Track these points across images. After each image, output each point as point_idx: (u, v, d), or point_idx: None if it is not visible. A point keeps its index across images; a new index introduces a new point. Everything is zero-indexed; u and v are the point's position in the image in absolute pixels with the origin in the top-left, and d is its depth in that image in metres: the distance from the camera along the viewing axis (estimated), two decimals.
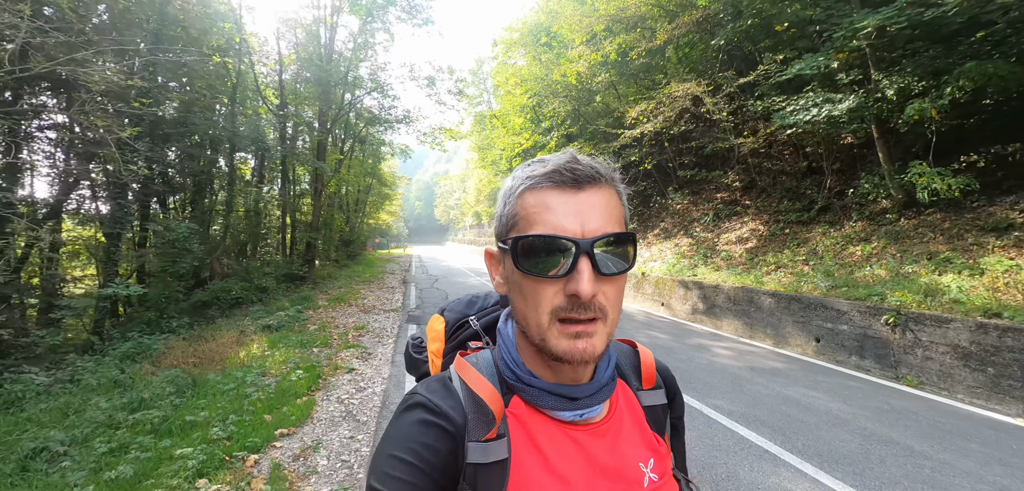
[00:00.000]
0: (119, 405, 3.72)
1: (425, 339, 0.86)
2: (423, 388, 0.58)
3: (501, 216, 0.56)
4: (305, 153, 14.77)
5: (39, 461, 2.91)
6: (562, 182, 0.51)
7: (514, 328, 0.62)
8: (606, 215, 0.52)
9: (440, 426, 0.53)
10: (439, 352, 0.79)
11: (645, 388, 0.68)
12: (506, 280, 0.57)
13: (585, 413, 0.58)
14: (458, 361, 0.62)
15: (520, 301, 0.54)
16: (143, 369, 4.80)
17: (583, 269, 0.49)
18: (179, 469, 2.72)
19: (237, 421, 3.53)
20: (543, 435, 0.56)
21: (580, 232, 0.50)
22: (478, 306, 0.82)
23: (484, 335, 0.76)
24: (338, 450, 3.36)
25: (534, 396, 0.57)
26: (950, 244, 6.58)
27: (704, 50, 9.57)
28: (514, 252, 0.51)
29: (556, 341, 0.51)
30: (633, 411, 0.64)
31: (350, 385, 4.78)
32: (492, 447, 0.54)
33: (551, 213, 0.50)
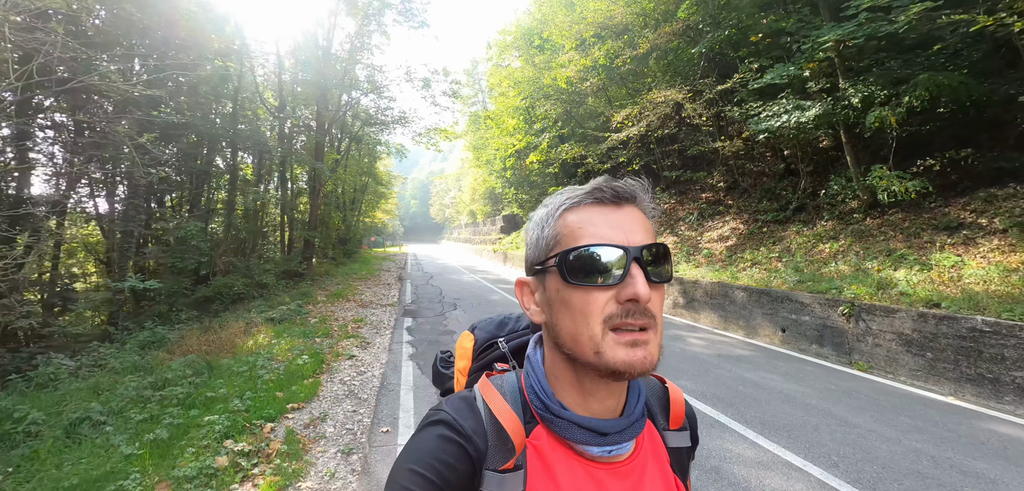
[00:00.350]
0: (145, 384, 4.16)
1: (454, 354, 0.86)
2: (448, 405, 0.58)
3: (539, 241, 0.56)
4: (303, 153, 15.14)
5: (84, 428, 3.34)
6: (603, 199, 0.53)
7: (543, 355, 0.61)
8: (645, 230, 0.53)
9: (461, 446, 0.53)
10: (465, 370, 0.79)
11: (672, 428, 0.66)
12: (548, 303, 0.56)
13: (613, 450, 0.56)
14: (483, 383, 0.62)
15: (568, 319, 0.53)
16: (160, 355, 5.23)
17: (636, 273, 0.49)
18: (208, 432, 3.17)
19: (252, 397, 3.98)
20: (563, 471, 0.55)
21: (626, 241, 0.51)
22: (508, 328, 0.82)
23: (511, 358, 0.76)
24: (343, 421, 3.81)
25: (561, 428, 0.56)
26: (907, 242, 7.12)
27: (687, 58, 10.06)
28: (562, 266, 0.52)
29: (613, 352, 0.50)
30: (657, 453, 0.62)
31: (351, 369, 5.24)
32: (508, 479, 0.53)
33: (596, 227, 0.51)
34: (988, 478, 3.01)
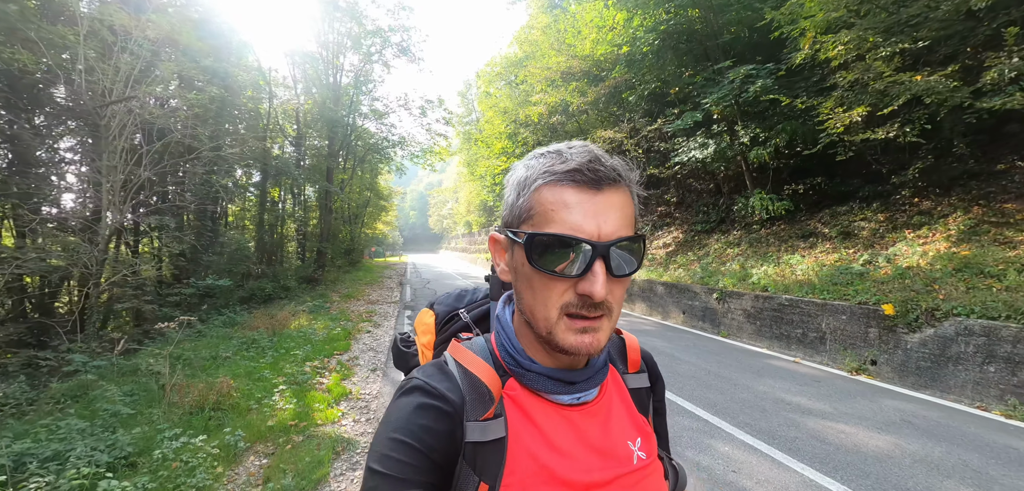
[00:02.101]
0: (240, 342, 6.56)
1: (413, 334, 0.89)
2: (419, 373, 0.60)
3: (513, 206, 0.56)
4: (317, 176, 17.61)
5: (234, 354, 5.74)
6: (583, 182, 0.51)
7: (512, 314, 0.64)
8: (622, 217, 0.52)
9: (438, 408, 0.54)
10: (430, 344, 0.81)
11: (631, 372, 0.70)
12: (513, 270, 0.57)
13: (581, 396, 0.60)
14: (454, 345, 0.64)
15: (528, 293, 0.55)
16: (239, 329, 7.63)
17: (598, 271, 0.50)
18: (296, 358, 5.58)
19: (311, 348, 6.39)
20: (539, 415, 0.58)
21: (597, 234, 0.50)
22: (467, 300, 0.84)
23: (475, 327, 0.78)
24: (368, 359, 6.23)
25: (532, 380, 0.58)
26: (778, 246, 9.56)
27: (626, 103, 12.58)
28: (528, 247, 0.52)
29: (563, 335, 0.52)
30: (621, 393, 0.66)
31: (369, 337, 7.66)
32: (490, 426, 0.55)
33: (569, 212, 0.50)
34: (773, 393, 5.44)
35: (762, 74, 8.53)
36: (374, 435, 0.55)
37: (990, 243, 6.11)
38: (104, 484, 2.55)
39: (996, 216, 6.59)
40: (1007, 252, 5.76)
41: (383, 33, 19.65)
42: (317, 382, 5.09)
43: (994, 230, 6.34)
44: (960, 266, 5.86)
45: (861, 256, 7.45)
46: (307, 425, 3.84)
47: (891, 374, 5.43)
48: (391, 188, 39.58)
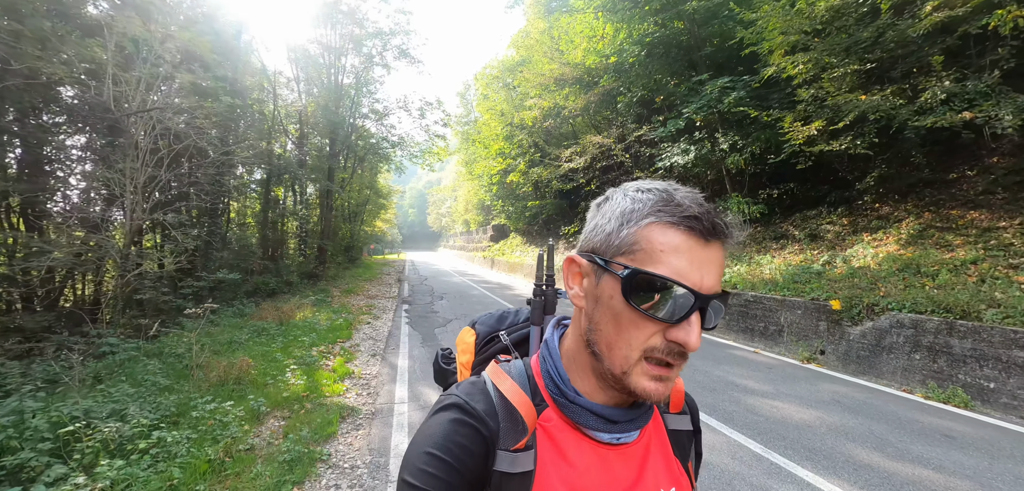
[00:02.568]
0: (252, 330, 7.17)
1: (454, 351, 0.88)
2: (459, 390, 0.59)
3: (611, 235, 0.54)
4: (320, 176, 18.21)
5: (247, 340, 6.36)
6: (697, 230, 0.50)
7: (560, 340, 0.63)
8: (719, 272, 0.52)
9: (474, 427, 0.55)
10: (468, 364, 0.81)
11: (672, 412, 0.68)
12: (595, 298, 0.55)
13: (621, 437, 0.58)
14: (492, 368, 0.63)
15: (611, 329, 0.53)
16: (249, 319, 8.24)
17: (695, 322, 0.49)
18: (303, 344, 6.20)
19: (317, 336, 7.01)
20: (572, 451, 0.57)
21: (700, 285, 0.49)
22: (508, 321, 0.84)
23: (514, 350, 0.78)
24: (368, 347, 6.85)
25: (574, 412, 0.57)
26: (754, 248, 10.20)
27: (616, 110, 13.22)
28: (627, 282, 0.50)
29: (638, 379, 0.52)
30: (660, 435, 0.64)
31: (369, 328, 8.28)
32: (520, 458, 0.54)
33: (678, 257, 0.49)
34: (726, 377, 6.07)
35: (738, 86, 9.16)
36: (408, 447, 0.55)
37: (932, 246, 6.75)
38: (157, 433, 3.18)
39: (942, 221, 7.23)
40: (944, 254, 6.40)
41: (384, 35, 20.27)
42: (323, 363, 5.72)
43: (938, 234, 6.98)
44: (902, 266, 6.51)
45: (822, 257, 8.10)
46: (317, 396, 4.46)
47: (836, 362, 6.07)
48: (390, 187, 40.20)
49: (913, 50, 6.35)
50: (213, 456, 3.06)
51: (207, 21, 9.87)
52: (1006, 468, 3.34)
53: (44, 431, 2.93)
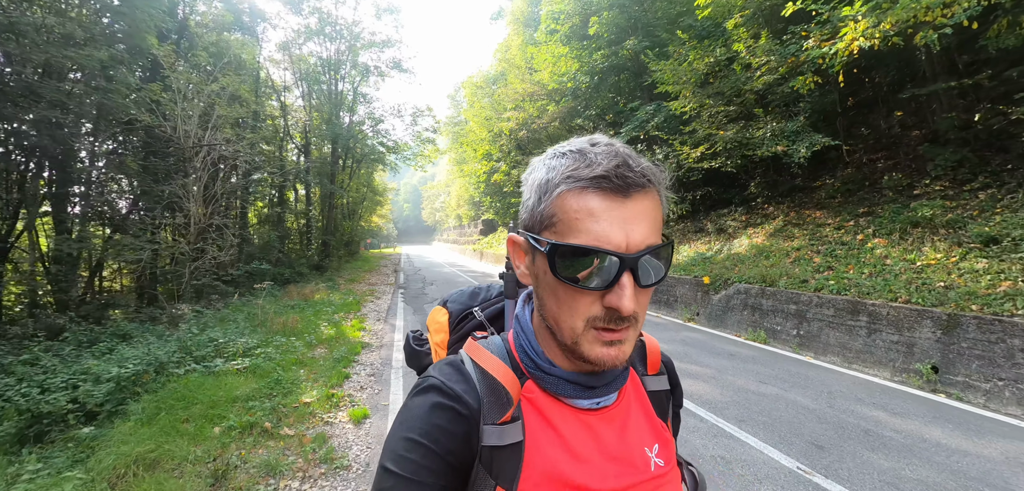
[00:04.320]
0: (284, 305, 9.60)
1: (426, 331, 0.88)
2: (435, 372, 0.59)
3: (533, 209, 0.53)
4: (324, 180, 20.54)
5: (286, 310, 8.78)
6: (610, 189, 0.48)
7: (531, 314, 0.62)
8: (650, 224, 0.50)
9: (454, 409, 0.54)
10: (444, 343, 0.80)
11: (650, 373, 0.69)
12: (535, 276, 0.56)
13: (600, 401, 0.59)
14: (470, 344, 0.63)
15: (552, 303, 0.53)
16: (280, 299, 10.67)
17: (626, 284, 0.48)
18: (327, 313, 8.66)
19: (335, 308, 9.47)
20: (557, 419, 0.57)
21: (624, 244, 0.48)
22: (481, 297, 0.83)
23: (490, 326, 0.78)
24: (374, 315, 9.33)
25: (551, 384, 0.58)
26: (678, 239, 12.70)
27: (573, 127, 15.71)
28: (551, 258, 0.50)
29: (589, 348, 0.51)
30: (639, 397, 0.65)
31: (372, 304, 10.76)
32: (508, 430, 0.54)
33: (595, 221, 0.48)
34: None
35: (661, 112, 11.63)
36: (388, 433, 0.55)
37: (782, 237, 9.28)
38: (260, 349, 5.63)
39: (797, 219, 9.75)
40: (786, 243, 8.93)
41: (378, 45, 22.62)
42: (344, 323, 8.18)
43: (791, 228, 9.51)
44: (758, 252, 9.04)
45: (717, 246, 10.63)
46: (344, 339, 6.93)
47: (705, 321, 8.60)
48: (385, 184, 42.52)
49: (754, 99, 8.82)
50: (294, 359, 5.53)
51: (240, 63, 12.22)
52: (742, 366, 5.86)
53: (204, 344, 5.40)
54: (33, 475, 2.82)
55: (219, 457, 3.13)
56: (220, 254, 9.95)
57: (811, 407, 4.46)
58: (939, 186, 7.73)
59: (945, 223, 6.72)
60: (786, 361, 6.17)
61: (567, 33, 14.07)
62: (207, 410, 3.83)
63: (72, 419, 3.75)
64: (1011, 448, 3.60)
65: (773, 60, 7.79)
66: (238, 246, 12.18)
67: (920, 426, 4.04)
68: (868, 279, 6.50)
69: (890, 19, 6.23)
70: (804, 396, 4.77)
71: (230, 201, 12.16)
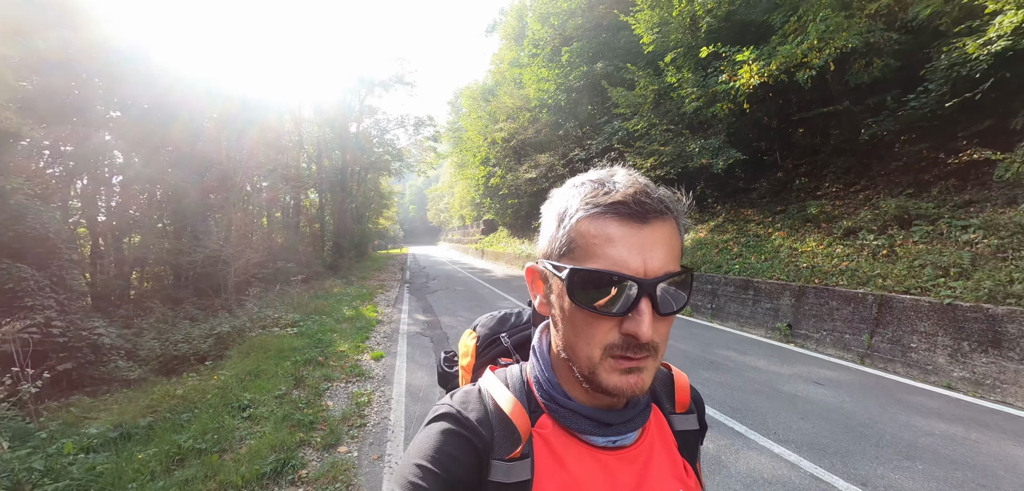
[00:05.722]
0: (311, 296, 11.69)
1: (458, 353, 0.87)
2: (453, 399, 0.59)
3: (553, 238, 0.53)
4: (336, 188, 22.71)
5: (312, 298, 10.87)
6: (628, 215, 0.48)
7: (548, 345, 0.61)
8: (669, 251, 0.50)
9: (465, 438, 0.54)
10: (469, 368, 0.80)
11: (678, 412, 0.66)
12: (552, 304, 0.55)
13: (617, 440, 0.57)
14: (487, 375, 0.62)
15: (570, 331, 0.52)
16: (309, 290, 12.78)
17: (644, 311, 0.47)
18: (347, 300, 10.75)
19: (352, 297, 11.56)
20: (571, 457, 0.55)
21: (643, 270, 0.47)
22: (510, 324, 0.82)
23: (515, 353, 0.77)
24: (385, 302, 11.40)
25: (566, 418, 0.56)
26: None
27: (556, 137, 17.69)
28: (569, 283, 0.49)
29: (607, 376, 0.50)
30: (664, 437, 0.62)
31: (383, 295, 12.85)
32: (515, 467, 0.53)
33: (613, 247, 0.48)
34: None
35: (619, 130, 13.59)
36: (401, 459, 0.55)
37: (719, 232, 11.21)
38: (299, 324, 7.71)
39: (735, 216, 11.67)
40: (719, 237, 10.86)
41: (383, 59, 24.77)
42: (361, 307, 10.25)
43: (727, 224, 11.43)
44: (695, 244, 10.98)
45: None
46: (363, 317, 8.99)
47: None
48: (391, 187, 44.73)
49: (687, 121, 10.77)
50: (328, 328, 7.60)
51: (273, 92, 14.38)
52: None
53: (263, 319, 7.51)
54: (192, 378, 4.91)
55: (295, 373, 5.19)
56: (255, 255, 12.08)
57: (689, 352, 6.44)
58: (834, 188, 9.63)
59: (825, 218, 8.64)
60: (698, 327, 8.14)
61: (548, 55, 16.05)
62: (277, 353, 5.90)
63: (192, 359, 5.86)
64: (820, 372, 5.58)
65: (697, 91, 9.71)
66: (266, 248, 14.33)
67: (763, 362, 6.01)
68: (762, 263, 8.45)
69: (774, 63, 8.18)
70: (688, 345, 6.75)
71: (258, 210, 14.31)
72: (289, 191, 18.36)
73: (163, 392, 4.43)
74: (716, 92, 9.32)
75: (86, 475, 2.88)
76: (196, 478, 2.90)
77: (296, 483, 3.00)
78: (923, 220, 6.98)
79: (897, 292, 5.88)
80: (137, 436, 3.51)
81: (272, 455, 3.21)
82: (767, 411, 4.27)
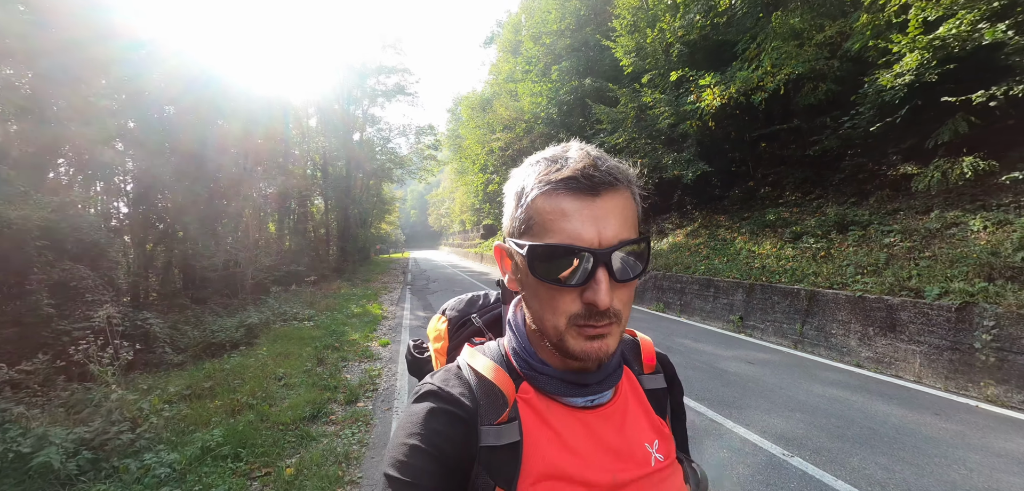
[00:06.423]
0: (321, 296, 12.76)
1: (427, 340, 0.89)
2: (433, 378, 0.61)
3: (513, 216, 0.56)
4: (341, 195, 23.83)
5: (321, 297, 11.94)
6: (579, 188, 0.50)
7: (523, 317, 0.63)
8: (622, 220, 0.52)
9: (452, 412, 0.56)
10: (443, 350, 0.82)
11: (646, 373, 0.71)
12: (519, 280, 0.58)
13: (595, 398, 0.60)
14: (467, 350, 0.65)
15: (536, 304, 0.55)
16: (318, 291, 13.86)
17: (601, 279, 0.49)
18: (354, 299, 11.83)
19: (358, 296, 12.64)
20: (554, 417, 0.58)
21: (597, 240, 0.50)
22: (479, 305, 0.85)
23: (488, 331, 0.80)
24: (389, 301, 12.48)
25: (545, 383, 0.59)
26: None
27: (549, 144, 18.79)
28: (529, 260, 0.52)
29: (573, 342, 0.53)
30: (637, 395, 0.66)
31: (387, 295, 13.93)
32: (504, 430, 0.55)
33: (567, 221, 0.50)
34: None
35: (604, 144, 14.65)
36: (390, 441, 0.56)
37: (693, 236, 12.27)
38: (314, 318, 8.78)
39: (709, 222, 12.73)
40: (693, 241, 11.92)
41: (385, 69, 25.91)
42: (367, 305, 11.32)
43: (702, 229, 12.49)
44: (671, 248, 12.04)
45: (652, 242, 13.63)
46: (369, 313, 10.06)
47: None
48: (393, 193, 45.89)
49: (661, 136, 11.89)
50: (340, 321, 8.68)
51: None
52: (635, 326, 8.91)
53: (283, 313, 8.59)
54: (234, 358, 5.99)
55: (317, 355, 6.26)
56: (268, 259, 13.18)
57: (652, 340, 7.49)
58: (794, 197, 10.69)
59: (780, 224, 9.70)
60: (666, 321, 9.20)
61: (541, 70, 17.18)
62: (299, 340, 6.98)
63: (227, 346, 6.94)
64: (756, 355, 6.64)
65: (669, 110, 10.80)
66: (277, 252, 15.44)
67: (710, 348, 7.07)
68: (724, 264, 9.51)
69: (733, 87, 9.27)
70: (653, 335, 7.78)
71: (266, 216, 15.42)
72: (296, 197, 19.46)
73: (213, 367, 5.51)
74: (685, 111, 10.40)
75: (174, 416, 3.96)
76: (255, 419, 3.97)
77: (328, 423, 4.07)
78: (857, 226, 8.03)
79: (824, 287, 6.94)
80: (203, 395, 4.59)
81: (308, 407, 4.28)
82: (697, 381, 5.33)
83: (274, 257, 13.52)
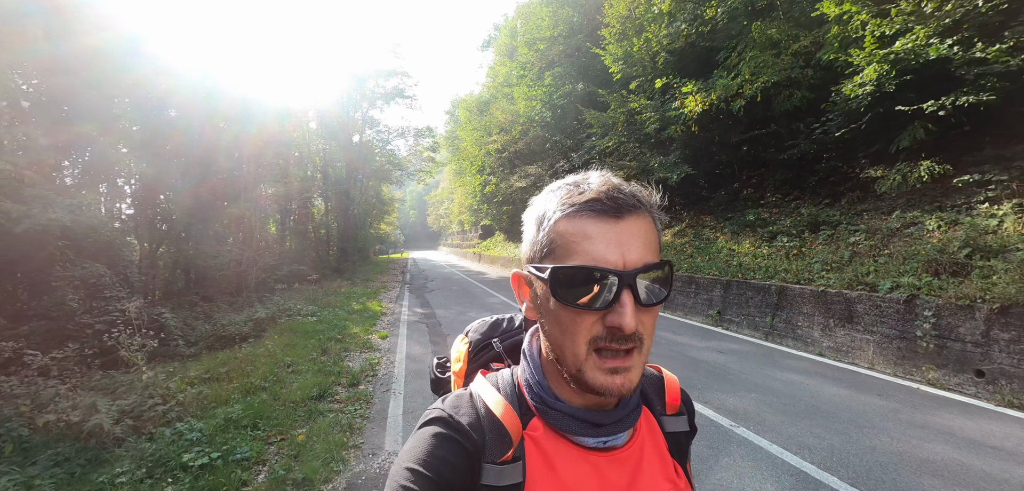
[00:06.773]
0: (323, 294, 13.27)
1: (450, 359, 0.89)
2: (443, 403, 0.60)
3: (534, 241, 0.55)
4: (341, 196, 24.33)
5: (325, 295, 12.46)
6: (603, 211, 0.50)
7: (539, 349, 0.62)
8: (645, 243, 0.51)
9: (457, 442, 0.55)
10: (462, 373, 0.82)
11: (668, 414, 0.67)
12: (538, 307, 0.57)
13: (608, 440, 0.58)
14: (478, 379, 0.64)
15: (556, 330, 0.54)
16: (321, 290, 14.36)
17: (626, 301, 0.48)
18: (355, 297, 12.34)
19: (364, 295, 13.16)
20: (561, 460, 0.56)
21: (621, 263, 0.49)
22: (502, 329, 0.84)
23: (506, 357, 0.78)
24: (388, 299, 12.99)
25: (556, 419, 0.57)
26: None
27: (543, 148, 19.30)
28: (552, 283, 0.51)
29: (593, 374, 0.51)
30: (655, 439, 0.63)
31: (386, 293, 14.44)
32: (507, 470, 0.54)
33: (591, 243, 0.50)
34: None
35: (595, 147, 15.20)
36: (394, 464, 0.56)
37: (680, 236, 12.78)
38: (317, 313, 9.30)
39: (696, 222, 13.25)
40: (679, 240, 12.43)
41: (384, 73, 26.41)
42: (368, 302, 11.82)
43: (688, 228, 13.01)
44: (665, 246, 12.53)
45: None
46: (369, 309, 10.57)
47: None
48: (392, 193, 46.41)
49: (648, 140, 12.43)
50: (341, 317, 9.18)
51: None
52: None
53: (289, 309, 9.11)
54: (244, 349, 6.50)
55: (321, 346, 6.77)
56: (270, 258, 13.67)
57: None
58: (774, 198, 11.21)
59: (759, 224, 10.22)
60: None
61: (536, 75, 17.69)
62: (304, 333, 7.48)
63: (236, 339, 7.44)
64: (727, 345, 7.15)
65: (655, 115, 11.32)
66: (278, 252, 15.94)
67: (686, 339, 7.58)
68: (706, 262, 10.03)
69: (714, 94, 9.79)
70: None
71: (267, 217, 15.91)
72: (297, 199, 19.96)
73: (227, 356, 6.02)
74: (670, 117, 10.92)
75: (197, 395, 4.47)
76: (269, 398, 4.48)
77: (333, 401, 4.59)
78: (828, 226, 8.55)
79: (792, 283, 7.45)
80: (221, 378, 5.10)
81: (315, 388, 4.79)
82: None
83: (276, 257, 14.01)
